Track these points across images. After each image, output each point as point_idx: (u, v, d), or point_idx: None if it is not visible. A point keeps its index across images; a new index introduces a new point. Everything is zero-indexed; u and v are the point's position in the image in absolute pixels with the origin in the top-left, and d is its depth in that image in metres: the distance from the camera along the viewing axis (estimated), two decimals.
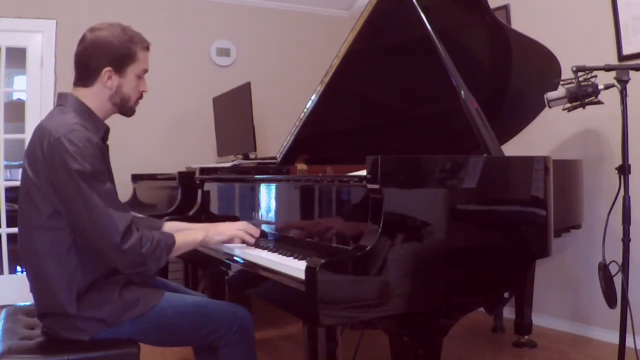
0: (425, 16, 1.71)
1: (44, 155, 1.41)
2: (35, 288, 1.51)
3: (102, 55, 1.51)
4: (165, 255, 1.49)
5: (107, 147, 1.61)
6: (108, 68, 1.52)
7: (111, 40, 1.51)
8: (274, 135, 3.97)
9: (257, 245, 1.71)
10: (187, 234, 1.63)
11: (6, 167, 3.95)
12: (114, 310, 1.49)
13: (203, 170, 2.35)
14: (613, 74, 1.93)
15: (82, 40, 1.54)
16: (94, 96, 1.54)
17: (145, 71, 1.60)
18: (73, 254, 1.46)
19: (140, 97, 1.63)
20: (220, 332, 1.58)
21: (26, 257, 1.52)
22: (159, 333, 1.57)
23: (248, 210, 2.02)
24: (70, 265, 1.45)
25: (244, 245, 1.71)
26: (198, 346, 1.70)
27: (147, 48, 1.59)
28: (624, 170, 1.96)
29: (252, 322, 1.65)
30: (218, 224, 1.73)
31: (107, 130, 1.59)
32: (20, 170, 5.04)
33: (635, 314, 2.30)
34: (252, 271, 1.54)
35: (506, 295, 1.60)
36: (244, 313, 1.64)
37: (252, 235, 1.69)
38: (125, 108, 1.61)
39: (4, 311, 1.82)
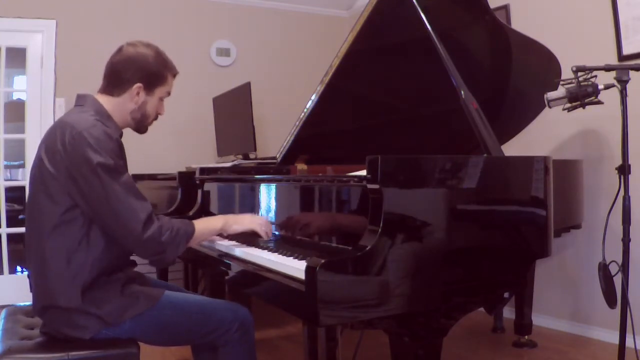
0: (425, 16, 1.71)
1: (64, 147, 1.45)
2: (39, 281, 1.51)
3: (138, 70, 1.59)
4: (185, 243, 1.53)
5: None
6: (140, 84, 1.60)
7: (149, 59, 1.61)
8: (274, 135, 3.97)
9: (257, 245, 1.71)
10: (206, 222, 1.66)
11: (6, 167, 3.95)
12: (114, 309, 1.50)
13: (203, 170, 2.35)
14: (613, 74, 1.93)
15: (120, 51, 1.61)
16: (118, 106, 1.61)
17: (168, 94, 1.69)
18: (84, 248, 1.48)
19: (156, 118, 1.72)
20: (220, 330, 1.58)
21: (33, 250, 1.52)
22: (160, 332, 1.57)
23: (248, 210, 2.02)
24: (79, 260, 1.47)
25: (244, 244, 1.72)
26: (197, 345, 1.70)
27: (174, 75, 1.70)
28: (624, 170, 1.96)
29: (252, 320, 1.66)
30: (238, 215, 1.76)
31: (120, 135, 1.65)
32: (20, 170, 5.05)
33: (635, 314, 2.30)
34: (252, 271, 1.54)
35: (506, 295, 1.60)
36: (244, 312, 1.65)
37: (267, 233, 1.71)
38: (141, 125, 1.69)
39: (4, 311, 1.82)
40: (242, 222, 1.69)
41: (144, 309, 1.53)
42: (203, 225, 1.62)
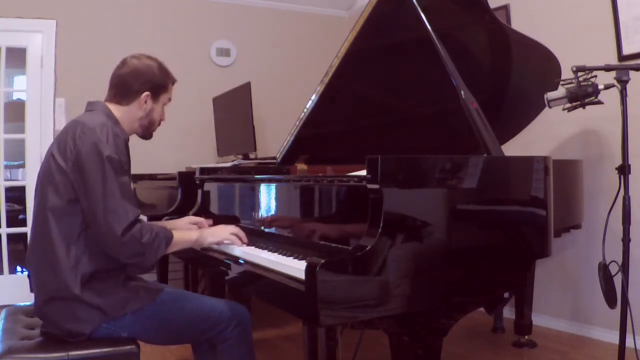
0: (425, 16, 1.71)
1: (74, 141, 1.52)
2: (41, 270, 1.54)
3: (146, 81, 1.69)
4: (164, 247, 1.56)
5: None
6: (147, 93, 1.69)
7: (155, 70, 1.71)
8: (274, 135, 3.97)
9: (257, 245, 1.72)
10: (183, 232, 1.72)
11: (6, 167, 3.94)
12: (116, 301, 1.53)
13: (203, 170, 2.35)
14: (613, 74, 1.93)
15: (125, 63, 1.70)
16: (126, 114, 1.70)
17: (169, 100, 1.79)
18: (82, 240, 1.52)
19: (159, 124, 1.81)
20: (219, 327, 1.61)
21: (37, 239, 1.56)
22: (159, 328, 1.59)
23: (248, 210, 2.02)
24: (78, 250, 1.51)
25: (244, 244, 1.74)
26: (197, 344, 1.71)
27: (174, 83, 1.80)
28: (624, 170, 1.96)
29: (250, 318, 1.69)
30: (211, 228, 1.83)
31: (127, 138, 1.70)
32: (20, 170, 5.05)
33: (635, 314, 2.30)
34: (252, 271, 1.55)
35: (506, 295, 1.60)
36: (242, 309, 1.69)
37: (241, 240, 1.76)
38: (148, 131, 1.78)
39: (4, 311, 1.82)
40: (216, 234, 1.75)
41: (144, 304, 1.56)
42: (180, 234, 1.67)
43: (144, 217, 2.75)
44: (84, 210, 1.51)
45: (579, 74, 1.91)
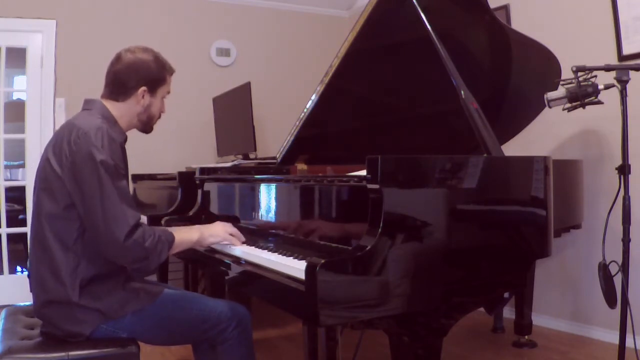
0: (425, 16, 1.71)
1: (69, 146, 1.49)
2: (40, 274, 1.53)
3: (142, 77, 1.65)
4: (167, 250, 1.55)
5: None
6: (144, 88, 1.66)
7: (150, 65, 1.67)
8: (274, 135, 3.97)
9: (257, 245, 1.72)
10: (183, 233, 1.70)
11: (6, 167, 3.94)
12: (115, 302, 1.53)
13: (203, 170, 2.35)
14: (613, 74, 1.93)
15: (119, 59, 1.66)
16: (124, 110, 1.67)
17: (169, 93, 1.75)
18: (79, 245, 1.51)
19: (159, 117, 1.78)
20: (219, 327, 1.61)
21: (35, 244, 1.55)
22: (159, 328, 1.59)
23: (248, 210, 2.02)
24: (77, 254, 1.51)
25: (244, 245, 1.74)
26: (197, 344, 1.71)
27: (172, 74, 1.76)
28: (624, 170, 1.96)
29: (250, 318, 1.69)
30: (210, 225, 1.79)
31: (125, 139, 1.69)
32: (20, 170, 5.04)
33: (635, 314, 2.30)
34: (252, 271, 1.54)
35: (506, 295, 1.60)
36: (242, 309, 1.68)
37: (238, 239, 1.76)
38: (148, 125, 1.75)
39: (4, 311, 1.82)
40: (216, 234, 1.73)
41: (144, 304, 1.56)
42: (181, 235, 1.65)
43: (143, 217, 2.76)
44: (82, 216, 1.49)
45: (579, 74, 1.91)
